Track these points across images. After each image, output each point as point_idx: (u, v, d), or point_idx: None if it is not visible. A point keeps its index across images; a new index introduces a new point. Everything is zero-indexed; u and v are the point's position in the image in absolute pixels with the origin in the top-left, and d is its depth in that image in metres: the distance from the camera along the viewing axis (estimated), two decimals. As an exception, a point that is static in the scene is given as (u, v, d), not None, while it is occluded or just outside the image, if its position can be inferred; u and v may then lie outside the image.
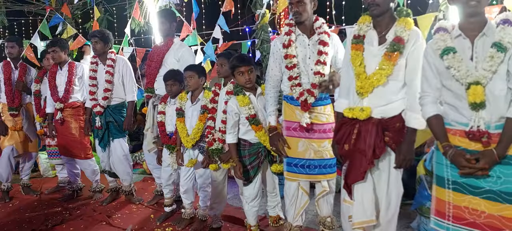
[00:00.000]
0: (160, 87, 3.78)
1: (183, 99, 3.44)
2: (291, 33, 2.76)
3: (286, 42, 2.74)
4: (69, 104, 4.33)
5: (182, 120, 3.40)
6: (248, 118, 2.89)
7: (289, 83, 2.75)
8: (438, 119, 2.04)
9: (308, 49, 2.74)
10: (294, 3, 2.68)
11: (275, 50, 2.84)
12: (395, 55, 2.17)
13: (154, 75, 3.85)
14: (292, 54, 2.72)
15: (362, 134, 2.24)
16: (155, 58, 3.86)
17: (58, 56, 4.30)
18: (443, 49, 1.96)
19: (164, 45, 3.85)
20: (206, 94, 3.35)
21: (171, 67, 3.71)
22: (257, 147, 2.95)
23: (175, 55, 3.79)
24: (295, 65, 2.72)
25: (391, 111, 2.24)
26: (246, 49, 5.27)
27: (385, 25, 2.25)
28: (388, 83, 2.21)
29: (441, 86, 2.03)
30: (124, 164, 4.24)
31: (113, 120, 4.14)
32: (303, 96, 2.70)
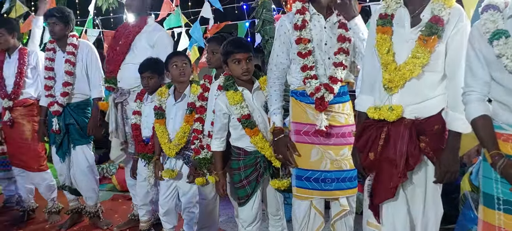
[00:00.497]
0: (125, 78, 3.80)
1: (163, 95, 3.46)
2: (305, 11, 2.76)
3: (299, 22, 2.74)
4: (20, 101, 4.35)
5: (162, 122, 3.41)
6: (240, 119, 2.90)
7: (301, 75, 2.75)
8: (486, 120, 2.04)
9: (324, 33, 2.75)
10: None
11: (283, 31, 2.84)
12: (432, 40, 2.18)
13: (119, 62, 3.84)
14: (306, 38, 2.72)
15: (392, 139, 2.24)
16: (122, 40, 3.86)
17: (5, 40, 4.33)
18: (493, 32, 1.97)
19: (135, 25, 3.87)
20: (193, 89, 3.37)
21: (142, 53, 3.72)
22: (254, 156, 2.96)
23: (148, 40, 3.80)
24: (310, 51, 2.72)
25: (427, 111, 2.25)
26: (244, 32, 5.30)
27: (419, 2, 2.26)
28: (424, 75, 2.22)
29: (490, 79, 2.04)
30: (89, 177, 4.26)
31: (75, 121, 4.15)
32: (320, 92, 2.69)
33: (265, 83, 2.98)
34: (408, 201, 2.34)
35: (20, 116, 4.35)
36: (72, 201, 4.43)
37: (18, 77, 4.32)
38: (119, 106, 3.85)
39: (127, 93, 3.82)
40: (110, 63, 3.92)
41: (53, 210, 4.53)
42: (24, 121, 4.35)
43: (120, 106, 3.85)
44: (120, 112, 3.86)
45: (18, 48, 4.41)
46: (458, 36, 2.19)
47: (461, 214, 3.25)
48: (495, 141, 2.02)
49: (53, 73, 4.18)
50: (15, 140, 4.36)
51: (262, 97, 2.98)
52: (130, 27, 3.90)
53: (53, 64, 4.19)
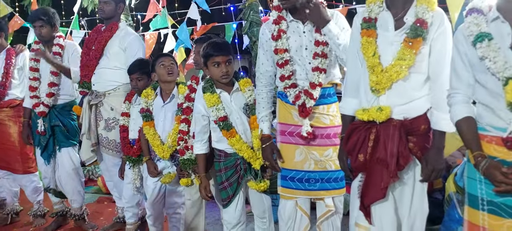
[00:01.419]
0: (100, 82, 3.81)
1: (149, 97, 3.44)
2: (281, 20, 2.77)
3: (275, 33, 2.76)
4: (6, 102, 4.30)
5: (151, 124, 3.39)
6: (217, 121, 2.91)
7: (282, 84, 2.79)
8: (470, 122, 2.08)
9: (304, 37, 2.76)
10: None
11: (264, 40, 2.87)
12: (417, 42, 2.21)
13: (92, 66, 3.87)
14: (282, 48, 2.74)
15: (382, 140, 2.26)
16: (95, 46, 3.87)
17: None
18: (476, 35, 1.99)
19: (107, 30, 3.88)
20: (181, 90, 3.36)
21: (115, 57, 3.77)
22: (234, 158, 2.96)
23: (120, 44, 3.83)
24: (287, 61, 2.75)
25: (414, 111, 2.28)
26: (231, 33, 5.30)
27: (402, 5, 2.29)
28: (410, 77, 2.25)
29: (474, 81, 2.07)
30: (74, 180, 4.23)
31: (61, 123, 4.12)
32: (300, 100, 2.72)
33: (245, 85, 3.00)
34: (396, 201, 2.36)
35: (7, 117, 4.30)
36: (57, 204, 4.39)
37: (4, 77, 4.27)
38: (93, 108, 3.84)
39: (102, 96, 3.82)
40: (84, 68, 3.93)
41: (38, 213, 4.48)
42: (10, 122, 4.31)
43: (94, 108, 3.85)
44: (94, 114, 3.85)
45: (6, 48, 4.36)
46: (441, 39, 2.23)
47: (446, 215, 3.29)
48: (478, 142, 2.05)
49: (38, 74, 4.15)
50: (0, 142, 4.31)
51: (241, 99, 2.99)
52: (102, 32, 3.92)
53: (39, 65, 4.16)
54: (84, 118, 3.87)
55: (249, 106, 2.97)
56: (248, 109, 2.97)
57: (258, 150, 2.90)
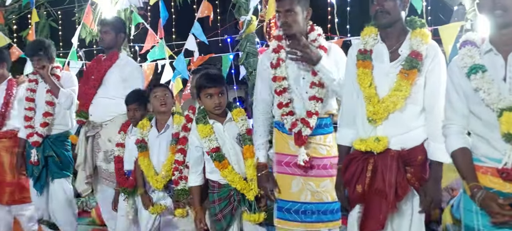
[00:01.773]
0: (97, 112, 3.78)
1: (144, 128, 3.43)
2: (281, 49, 2.82)
3: (274, 61, 2.81)
4: (4, 133, 4.28)
5: (146, 155, 3.37)
6: (209, 152, 2.90)
7: (279, 111, 2.80)
8: (465, 153, 2.09)
9: (302, 67, 2.79)
10: (282, 12, 2.73)
11: (262, 69, 2.91)
12: (413, 73, 2.25)
13: (91, 96, 3.83)
14: (281, 76, 2.78)
15: (380, 171, 2.27)
16: (94, 75, 3.85)
17: None
18: (470, 67, 2.03)
19: (107, 60, 3.87)
20: (176, 119, 3.36)
21: (114, 87, 3.74)
22: (228, 189, 2.94)
23: (120, 73, 3.81)
24: (285, 89, 2.78)
25: (411, 141, 2.30)
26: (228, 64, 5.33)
27: (396, 38, 2.34)
28: (406, 107, 2.28)
29: (469, 112, 2.09)
30: (67, 211, 4.17)
31: (54, 154, 4.08)
32: (297, 127, 2.73)
33: (238, 115, 2.99)
34: (394, 231, 2.35)
35: (3, 148, 4.28)
36: (50, 235, 4.33)
37: (4, 108, 4.25)
38: (90, 140, 3.82)
39: (99, 127, 3.80)
40: (82, 98, 3.91)
41: (32, 244, 4.41)
42: (7, 154, 4.27)
43: (91, 139, 3.82)
44: (91, 145, 3.82)
45: (7, 79, 4.35)
46: (435, 71, 2.28)
47: (443, 246, 3.26)
48: (474, 173, 2.05)
49: (34, 104, 4.13)
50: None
51: (234, 129, 2.98)
52: (101, 62, 3.90)
53: (34, 95, 4.14)
54: (80, 149, 3.84)
55: (242, 136, 2.96)
56: (241, 139, 2.97)
57: (252, 180, 2.89)
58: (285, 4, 2.71)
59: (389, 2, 2.28)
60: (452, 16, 3.99)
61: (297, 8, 2.71)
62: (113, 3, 5.38)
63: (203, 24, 5.08)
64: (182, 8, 5.61)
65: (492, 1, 1.96)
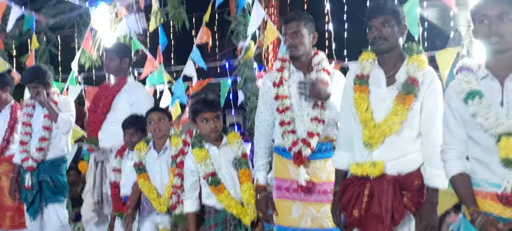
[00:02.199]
0: (106, 138, 3.77)
1: (142, 150, 3.40)
2: (284, 69, 2.86)
3: (277, 80, 2.83)
4: (6, 158, 4.27)
5: (145, 176, 3.34)
6: (205, 176, 2.90)
7: (280, 129, 2.80)
8: (464, 178, 2.09)
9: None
10: (289, 34, 2.78)
11: (265, 90, 2.93)
12: (409, 98, 2.27)
13: (100, 122, 3.83)
14: (284, 95, 2.80)
15: (376, 195, 2.27)
16: (102, 101, 3.86)
17: None
18: (468, 92, 2.05)
19: (115, 85, 3.88)
20: (173, 141, 3.36)
21: (122, 112, 3.71)
22: (224, 214, 2.93)
23: (128, 99, 3.80)
24: (287, 108, 2.79)
25: (407, 166, 2.31)
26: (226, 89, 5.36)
27: (393, 63, 2.37)
28: (402, 132, 2.29)
29: (467, 137, 2.10)
30: (61, 237, 4.13)
31: (49, 178, 4.07)
32: (297, 147, 2.74)
33: (234, 139, 3.00)
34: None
35: (5, 172, 4.26)
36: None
37: (8, 132, 4.27)
38: (100, 165, 3.80)
39: (109, 152, 3.78)
40: (90, 124, 3.91)
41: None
42: (7, 178, 4.25)
43: (100, 165, 3.80)
44: (100, 171, 3.80)
45: (10, 103, 4.37)
46: (432, 96, 2.30)
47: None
48: (473, 198, 2.05)
49: (30, 128, 4.13)
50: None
51: (230, 153, 2.98)
52: (110, 88, 3.91)
53: (31, 120, 4.15)
54: (89, 175, 3.81)
55: (238, 160, 2.97)
56: (237, 163, 2.97)
57: (248, 205, 2.87)
58: (292, 26, 2.76)
59: (387, 29, 2.31)
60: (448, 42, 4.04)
61: (303, 31, 2.77)
62: (113, 29, 5.42)
63: (202, 49, 5.11)
64: (181, 34, 5.65)
65: (488, 28, 1.99)
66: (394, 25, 2.32)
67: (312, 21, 2.85)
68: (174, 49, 6.16)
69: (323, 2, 4.52)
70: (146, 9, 5.46)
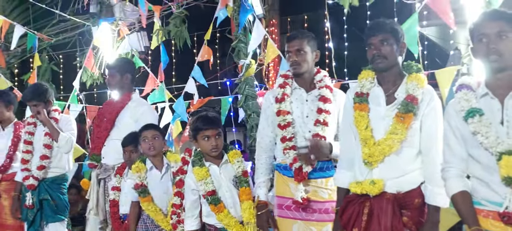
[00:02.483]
0: (109, 155, 3.75)
1: (141, 170, 3.34)
2: (286, 85, 2.87)
3: (280, 96, 2.84)
4: (9, 175, 4.26)
5: (148, 199, 3.29)
6: (205, 195, 2.88)
7: (282, 146, 2.80)
8: (465, 196, 2.08)
9: (306, 106, 2.84)
10: (292, 51, 2.81)
11: (267, 106, 2.94)
12: (408, 117, 2.27)
13: (103, 138, 3.80)
14: (286, 110, 2.81)
15: (375, 214, 2.26)
16: (106, 117, 3.85)
17: (0, 113, 4.28)
18: (468, 110, 2.05)
19: (119, 101, 3.86)
20: (170, 157, 3.34)
21: (126, 129, 3.69)
22: None
23: (132, 115, 3.78)
24: (289, 123, 2.80)
25: (407, 185, 2.30)
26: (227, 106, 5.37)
27: (393, 81, 2.37)
28: (402, 150, 2.29)
29: (468, 156, 2.09)
30: (62, 258, 4.10)
31: (50, 197, 4.04)
32: (298, 163, 2.73)
33: (234, 157, 2.99)
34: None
35: (6, 190, 4.24)
36: None
37: (12, 150, 4.26)
38: (102, 183, 3.78)
39: (111, 170, 3.76)
40: (94, 141, 3.88)
41: None
42: (8, 196, 4.22)
43: (103, 183, 3.78)
44: (102, 189, 3.77)
45: (13, 122, 4.37)
46: (431, 115, 2.30)
47: None
48: (475, 217, 2.03)
49: (32, 147, 4.13)
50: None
51: (231, 171, 2.97)
52: (114, 104, 3.89)
53: (32, 138, 4.14)
54: (92, 193, 3.78)
55: (239, 178, 2.95)
56: (237, 181, 2.95)
57: (248, 224, 2.85)
58: (295, 44, 2.80)
59: (386, 47, 2.32)
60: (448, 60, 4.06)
61: (306, 48, 2.80)
62: (115, 48, 5.45)
63: (203, 67, 5.14)
64: (183, 52, 5.68)
65: (487, 46, 2.00)
66: (393, 43, 2.33)
67: (314, 39, 2.89)
68: (176, 67, 6.19)
69: (324, 21, 4.55)
70: (148, 28, 5.50)
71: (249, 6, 4.45)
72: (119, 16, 5.45)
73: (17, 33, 5.69)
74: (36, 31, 6.04)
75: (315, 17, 7.61)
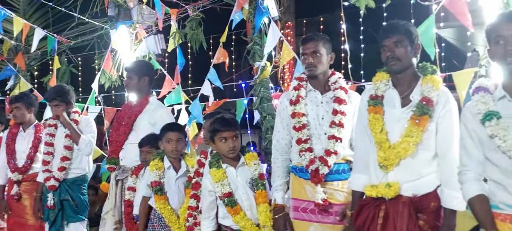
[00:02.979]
0: (127, 157, 3.77)
1: (160, 168, 3.32)
2: (301, 88, 2.87)
3: (294, 98, 2.84)
4: (29, 176, 4.32)
5: (164, 198, 3.28)
6: (222, 197, 2.88)
7: (297, 148, 2.80)
8: (483, 200, 2.05)
9: (321, 107, 2.83)
10: (308, 53, 2.81)
11: (282, 108, 2.94)
12: (424, 120, 2.25)
13: (121, 141, 3.82)
14: (301, 113, 2.81)
15: (391, 218, 2.25)
16: (125, 121, 3.86)
17: (22, 114, 4.36)
18: (485, 113, 2.02)
19: (137, 105, 3.87)
20: (188, 160, 3.35)
21: (144, 132, 3.71)
22: None
23: (149, 118, 3.78)
24: (304, 125, 2.79)
25: (423, 188, 2.28)
26: (242, 108, 5.38)
27: (407, 83, 2.36)
28: (418, 153, 2.27)
29: (484, 159, 2.07)
30: (82, 256, 4.15)
31: (70, 197, 4.09)
32: (314, 165, 2.72)
33: (251, 159, 2.99)
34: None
35: (27, 190, 4.30)
36: None
37: (33, 151, 4.32)
38: (120, 184, 3.81)
39: (129, 171, 3.78)
40: (113, 144, 3.91)
41: None
42: (29, 196, 4.28)
43: (120, 184, 3.81)
44: (120, 190, 3.79)
45: (34, 123, 4.44)
46: (447, 117, 2.27)
47: None
48: (492, 220, 2.02)
49: (53, 148, 4.18)
50: (20, 215, 4.29)
51: (247, 174, 2.96)
52: (132, 107, 3.90)
53: (53, 140, 4.20)
54: (110, 194, 3.81)
55: (255, 181, 2.94)
56: (254, 184, 2.95)
57: (264, 227, 2.85)
58: (311, 46, 2.80)
59: (400, 49, 2.30)
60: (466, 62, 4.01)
61: (322, 50, 2.80)
62: (132, 50, 5.51)
63: (218, 70, 5.16)
64: (199, 55, 5.72)
65: (504, 48, 1.97)
66: (407, 45, 2.32)
67: (329, 42, 2.89)
68: (192, 69, 6.23)
69: (339, 22, 4.53)
70: (165, 30, 5.55)
71: (264, 9, 4.46)
72: (136, 19, 5.50)
73: (37, 36, 5.79)
74: (56, 34, 6.14)
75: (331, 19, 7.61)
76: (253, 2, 4.57)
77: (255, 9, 4.57)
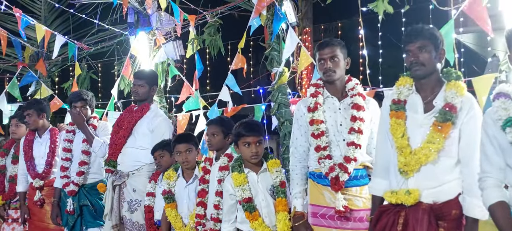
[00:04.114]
0: (125, 162, 3.82)
1: (171, 178, 3.43)
2: (318, 94, 2.88)
3: (312, 105, 2.85)
4: (50, 181, 4.38)
5: (172, 206, 3.37)
6: (241, 201, 2.90)
7: (316, 155, 2.80)
8: (504, 207, 2.05)
9: (339, 114, 2.84)
10: (326, 58, 2.82)
11: (299, 115, 2.95)
12: (446, 126, 2.24)
13: (120, 145, 3.88)
14: (319, 120, 2.81)
15: (411, 225, 2.24)
16: (124, 125, 3.92)
17: (33, 121, 4.41)
18: (506, 119, 2.02)
19: (138, 111, 3.93)
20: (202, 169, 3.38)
21: (142, 138, 3.79)
22: None
23: (148, 125, 3.85)
24: (323, 132, 2.80)
25: (444, 195, 2.26)
26: (260, 114, 5.40)
27: (431, 89, 2.35)
28: (439, 160, 2.26)
29: (505, 165, 2.06)
30: (101, 260, 4.20)
31: (89, 203, 4.15)
32: (334, 172, 2.73)
33: (273, 166, 3.00)
34: None
35: (48, 195, 4.36)
36: None
37: (51, 156, 4.38)
38: (117, 189, 3.85)
39: (126, 176, 3.83)
40: (112, 147, 3.96)
41: None
42: (51, 201, 4.33)
43: (117, 189, 3.85)
44: (117, 194, 3.83)
45: (49, 128, 4.51)
46: (471, 123, 2.26)
47: None
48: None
49: (71, 154, 4.24)
50: (42, 220, 4.36)
51: (268, 180, 2.98)
52: (133, 113, 3.96)
53: (71, 146, 4.26)
54: (107, 198, 3.87)
55: (276, 188, 2.95)
56: (274, 191, 2.96)
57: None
58: (328, 51, 2.82)
59: (424, 54, 2.30)
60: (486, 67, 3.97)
61: (340, 55, 2.82)
62: (151, 57, 5.57)
63: (236, 75, 5.19)
64: (217, 61, 5.76)
65: None
66: (432, 50, 2.31)
67: (345, 47, 2.90)
68: (210, 75, 6.27)
69: (357, 28, 4.53)
70: (184, 37, 5.60)
71: (282, 15, 4.48)
72: (155, 26, 5.57)
73: (58, 42, 5.89)
74: (76, 41, 6.24)
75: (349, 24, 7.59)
76: (271, 8, 4.59)
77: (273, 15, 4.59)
